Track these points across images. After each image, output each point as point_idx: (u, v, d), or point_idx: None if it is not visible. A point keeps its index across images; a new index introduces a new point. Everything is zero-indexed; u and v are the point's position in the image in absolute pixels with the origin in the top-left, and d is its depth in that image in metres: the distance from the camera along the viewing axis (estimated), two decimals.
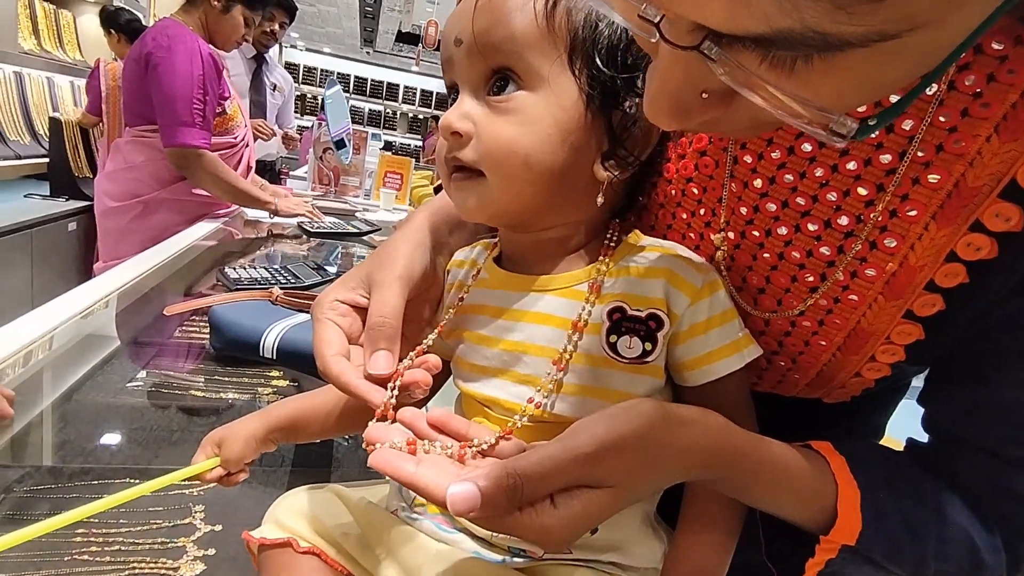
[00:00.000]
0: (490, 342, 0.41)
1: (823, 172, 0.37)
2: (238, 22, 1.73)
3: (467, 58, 0.37)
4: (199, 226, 1.74)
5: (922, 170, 0.34)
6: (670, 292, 0.39)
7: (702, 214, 0.44)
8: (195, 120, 1.60)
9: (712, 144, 0.43)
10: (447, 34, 0.39)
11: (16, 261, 2.29)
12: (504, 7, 0.36)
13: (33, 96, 2.92)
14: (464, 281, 0.44)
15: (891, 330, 0.38)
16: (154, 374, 0.94)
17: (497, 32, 0.36)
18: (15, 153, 2.63)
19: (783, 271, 0.40)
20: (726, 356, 0.39)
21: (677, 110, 0.27)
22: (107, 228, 1.78)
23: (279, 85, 2.90)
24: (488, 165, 0.37)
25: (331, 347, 0.38)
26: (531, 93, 0.37)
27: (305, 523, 0.42)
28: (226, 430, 0.48)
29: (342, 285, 0.42)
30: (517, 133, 0.36)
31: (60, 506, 0.63)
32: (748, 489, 0.37)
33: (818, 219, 0.38)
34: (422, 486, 0.29)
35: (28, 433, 0.78)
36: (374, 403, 0.35)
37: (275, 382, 0.93)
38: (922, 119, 0.34)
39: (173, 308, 1.05)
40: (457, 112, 0.38)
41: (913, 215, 0.35)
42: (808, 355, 0.41)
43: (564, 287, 0.40)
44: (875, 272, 0.37)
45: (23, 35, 2.84)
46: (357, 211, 2.37)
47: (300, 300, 1.06)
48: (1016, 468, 0.37)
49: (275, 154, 3.03)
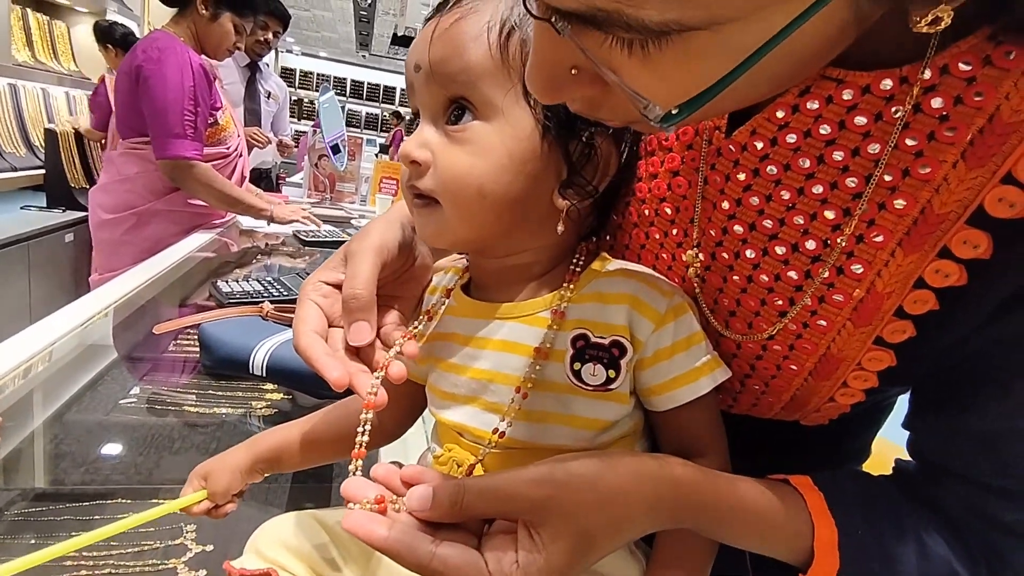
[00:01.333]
0: (459, 370, 0.41)
1: (789, 195, 0.37)
2: (227, 30, 1.73)
3: (425, 86, 0.38)
4: (194, 237, 1.74)
5: (888, 195, 0.34)
6: (633, 318, 0.39)
7: (674, 234, 0.44)
8: (186, 132, 1.60)
9: (684, 164, 0.42)
10: (408, 59, 0.39)
11: (14, 273, 2.30)
12: (459, 37, 0.36)
13: (28, 108, 2.92)
14: (436, 308, 0.44)
15: (861, 356, 0.37)
16: (148, 390, 0.95)
17: (453, 62, 0.36)
18: (11, 165, 2.63)
19: (752, 294, 0.40)
20: (693, 380, 0.39)
21: (550, 83, 0.29)
22: (102, 240, 1.78)
23: (274, 93, 2.90)
24: (444, 195, 0.37)
25: (307, 324, 0.38)
26: (486, 123, 0.37)
27: (284, 551, 0.42)
28: (212, 463, 0.49)
29: (326, 266, 0.42)
30: (471, 163, 0.36)
31: (53, 529, 0.63)
32: (722, 532, 0.37)
33: (785, 242, 0.38)
34: (393, 553, 0.30)
35: (21, 453, 0.78)
36: (330, 377, 0.35)
37: (269, 396, 0.94)
38: (887, 142, 0.33)
39: (163, 327, 1.05)
40: (416, 141, 0.38)
41: (879, 241, 0.34)
42: (780, 379, 0.41)
43: (528, 314, 0.40)
44: (843, 298, 0.36)
45: (17, 46, 2.84)
46: (353, 218, 2.38)
47: (290, 316, 1.06)
48: (999, 497, 0.36)
49: (271, 162, 3.03)
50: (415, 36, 1.10)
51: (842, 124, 0.34)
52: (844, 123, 0.34)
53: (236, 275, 1.50)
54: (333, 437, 0.49)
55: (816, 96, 0.34)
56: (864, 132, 0.33)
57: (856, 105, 0.33)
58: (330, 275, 0.41)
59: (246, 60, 2.67)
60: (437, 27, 0.37)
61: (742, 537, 0.38)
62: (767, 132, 0.37)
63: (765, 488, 0.38)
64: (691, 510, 0.35)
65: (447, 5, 0.38)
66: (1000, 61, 0.30)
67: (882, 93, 0.33)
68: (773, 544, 0.38)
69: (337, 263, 0.42)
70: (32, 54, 2.99)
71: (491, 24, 0.36)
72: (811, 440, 0.44)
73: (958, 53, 0.30)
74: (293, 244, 1.92)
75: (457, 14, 0.37)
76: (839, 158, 0.34)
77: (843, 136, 0.34)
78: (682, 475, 0.35)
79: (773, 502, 0.38)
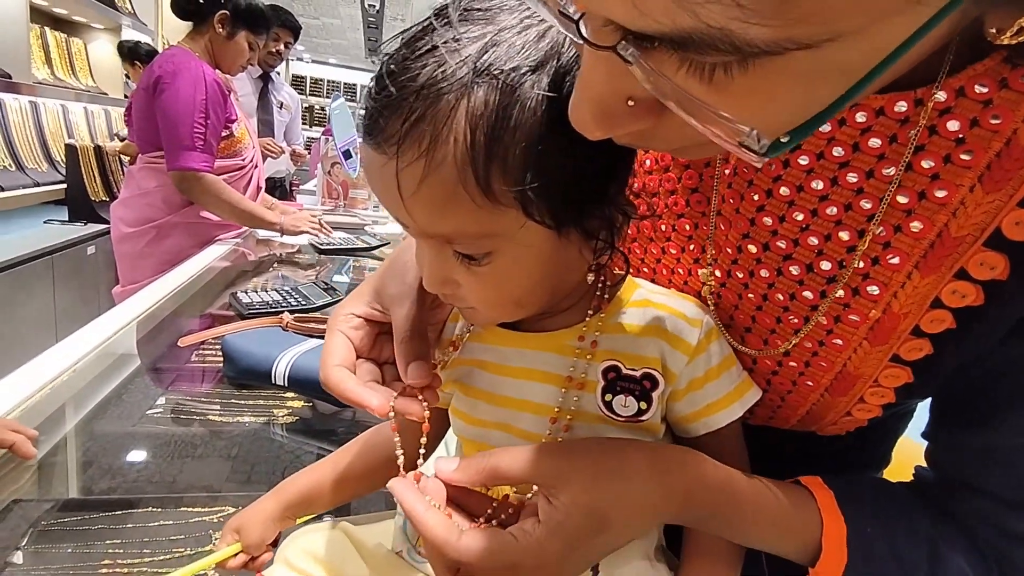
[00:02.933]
0: (486, 397, 0.42)
1: (803, 216, 0.37)
2: (243, 47, 1.77)
3: (420, 236, 0.35)
4: (212, 248, 1.77)
5: (904, 218, 0.33)
6: (666, 351, 0.39)
7: (691, 250, 0.44)
8: (196, 144, 1.64)
9: (703, 182, 0.42)
10: (384, 206, 0.34)
11: (39, 286, 2.35)
12: (434, 203, 0.31)
13: (48, 124, 2.99)
14: (460, 336, 0.44)
15: (878, 373, 0.37)
16: (172, 400, 0.97)
17: (443, 228, 0.33)
18: (33, 181, 2.70)
19: (767, 312, 0.40)
20: (726, 406, 0.40)
21: (601, 117, 0.26)
22: (123, 253, 1.82)
23: (286, 103, 2.94)
24: (481, 308, 0.38)
25: (334, 358, 0.39)
26: (502, 254, 0.34)
27: (315, 564, 0.44)
28: (243, 516, 0.49)
29: (357, 298, 0.43)
30: (502, 289, 0.36)
31: (89, 538, 0.65)
32: (731, 526, 0.38)
33: (800, 263, 0.38)
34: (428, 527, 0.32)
35: (55, 463, 0.81)
36: (371, 406, 0.36)
37: (290, 404, 0.96)
38: (901, 164, 0.33)
39: (188, 339, 1.08)
40: (437, 278, 0.36)
41: (895, 263, 0.34)
42: (796, 395, 0.41)
43: (557, 343, 0.40)
44: (859, 318, 0.36)
45: (36, 64, 2.91)
46: (367, 224, 2.40)
47: (309, 325, 1.08)
48: (1014, 509, 0.36)
49: (284, 171, 3.08)
50: None
51: (856, 146, 0.34)
52: (858, 145, 0.34)
53: (254, 285, 1.53)
54: (362, 471, 0.49)
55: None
56: (878, 154, 0.33)
57: (870, 127, 0.33)
58: (361, 308, 0.42)
59: (258, 71, 2.71)
60: (401, 183, 0.31)
61: (751, 529, 0.38)
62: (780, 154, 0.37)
63: (776, 485, 0.39)
64: (705, 497, 0.36)
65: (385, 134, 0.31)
66: (1017, 84, 0.29)
67: (896, 115, 0.32)
68: (781, 537, 0.39)
69: (370, 296, 0.43)
70: (51, 71, 3.07)
71: (460, 165, 0.30)
72: (829, 449, 0.44)
73: (974, 75, 0.30)
74: (309, 252, 1.95)
75: (417, 168, 0.30)
76: (853, 180, 0.34)
77: (857, 158, 0.34)
78: (698, 464, 0.36)
79: (783, 495, 0.38)
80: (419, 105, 0.30)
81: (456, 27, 0.31)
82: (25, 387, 0.85)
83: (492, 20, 0.31)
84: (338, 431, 0.93)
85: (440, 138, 0.30)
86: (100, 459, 0.82)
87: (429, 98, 0.30)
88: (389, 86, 0.31)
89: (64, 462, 0.82)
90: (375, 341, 0.42)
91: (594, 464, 0.34)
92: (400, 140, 0.30)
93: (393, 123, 0.31)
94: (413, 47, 0.31)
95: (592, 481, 0.34)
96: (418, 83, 0.30)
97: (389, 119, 0.31)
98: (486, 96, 0.30)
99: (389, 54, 0.32)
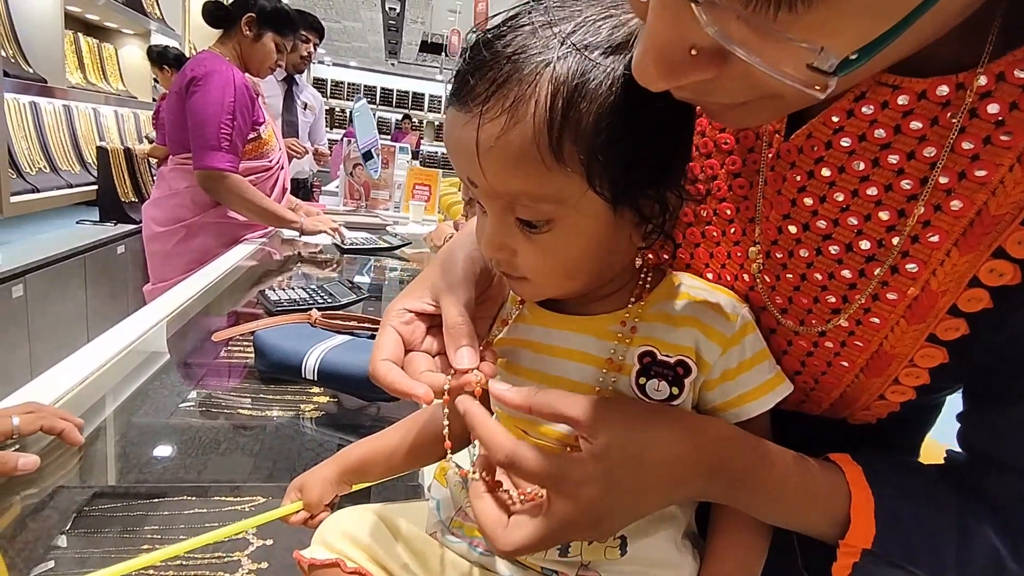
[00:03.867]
0: (528, 375, 0.43)
1: (843, 197, 0.37)
2: (270, 49, 1.81)
3: (486, 197, 0.38)
4: (240, 248, 1.81)
5: (944, 197, 0.34)
6: (701, 341, 0.40)
7: (732, 233, 0.45)
8: (221, 144, 1.68)
9: (746, 167, 0.43)
10: (457, 166, 0.38)
11: (72, 284, 2.43)
12: (508, 158, 0.34)
13: (81, 127, 3.07)
14: (508, 315, 0.46)
15: (914, 353, 0.38)
16: (204, 393, 1.00)
17: (510, 185, 0.35)
18: (67, 182, 2.78)
19: (805, 292, 0.41)
20: (758, 397, 0.41)
21: (666, 67, 0.27)
22: (154, 252, 1.87)
23: (310, 104, 2.99)
24: (534, 278, 0.40)
25: (383, 352, 0.41)
26: (560, 221, 0.37)
27: (352, 545, 0.46)
28: (305, 477, 0.53)
29: (410, 294, 0.45)
30: (555, 257, 0.38)
31: (130, 524, 0.68)
32: (761, 494, 0.39)
33: (839, 242, 0.38)
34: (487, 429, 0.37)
35: (95, 453, 0.84)
36: (416, 394, 0.38)
37: (316, 398, 0.98)
38: (943, 145, 0.34)
39: (221, 334, 1.11)
40: (495, 243, 0.39)
41: (935, 241, 0.35)
42: (831, 376, 0.42)
43: (599, 327, 0.42)
44: (896, 296, 0.37)
45: (70, 69, 3.00)
46: (388, 224, 2.43)
47: (337, 322, 1.11)
48: None
49: (307, 171, 3.13)
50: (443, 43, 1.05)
51: (897, 128, 0.35)
52: (900, 127, 0.35)
53: (281, 283, 1.56)
54: (411, 448, 0.52)
55: (871, 101, 0.35)
56: (920, 136, 0.34)
57: (912, 110, 0.34)
58: (413, 303, 0.44)
59: (283, 74, 2.76)
60: (480, 138, 0.34)
61: (781, 501, 0.39)
62: (822, 136, 0.38)
63: (805, 458, 0.40)
64: (736, 456, 0.37)
65: (473, 93, 0.35)
66: None
67: (938, 99, 0.33)
68: (811, 512, 0.39)
69: (422, 291, 0.45)
70: (84, 76, 3.15)
71: (538, 125, 0.33)
72: (858, 440, 0.45)
73: (1014, 61, 0.31)
74: (332, 252, 1.99)
75: (497, 124, 0.34)
76: (894, 161, 0.35)
77: (898, 140, 0.35)
78: (730, 427, 0.38)
79: (813, 469, 0.39)
80: (508, 67, 0.34)
81: (551, 10, 0.35)
82: (66, 380, 0.89)
83: (580, 9, 0.36)
84: (365, 424, 0.95)
85: (523, 98, 0.33)
86: (136, 449, 0.85)
87: (518, 62, 0.34)
88: (483, 51, 0.35)
89: (103, 451, 0.86)
90: (426, 334, 0.44)
91: (631, 410, 0.38)
92: (486, 98, 0.34)
93: (482, 83, 0.34)
94: (509, 22, 0.36)
95: (629, 422, 0.37)
96: (510, 49, 0.34)
97: (479, 80, 0.34)
98: (569, 66, 0.34)
99: (479, 28, 0.37)
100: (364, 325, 1.13)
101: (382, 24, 5.83)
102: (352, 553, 0.45)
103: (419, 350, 0.43)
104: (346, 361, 0.94)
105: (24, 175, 2.49)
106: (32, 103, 2.65)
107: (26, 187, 2.45)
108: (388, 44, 6.62)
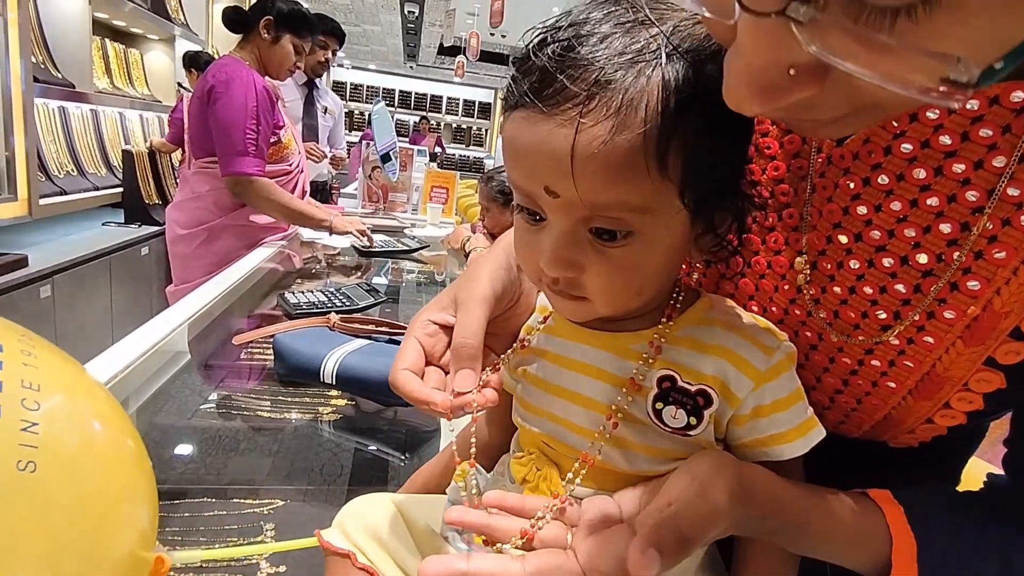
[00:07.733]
0: (543, 385, 0.42)
1: (901, 206, 0.35)
2: (288, 51, 1.83)
3: (563, 210, 0.34)
4: (260, 250, 1.84)
5: (1013, 211, 0.32)
6: (730, 373, 0.38)
7: (773, 242, 0.42)
8: (248, 149, 1.71)
9: (790, 173, 0.41)
10: (532, 174, 0.34)
11: (98, 285, 2.48)
12: (612, 168, 0.31)
13: (107, 131, 3.14)
14: (533, 325, 0.45)
15: (969, 377, 0.36)
16: (224, 396, 1.01)
17: (606, 196, 0.32)
18: (93, 185, 2.84)
19: (853, 306, 0.38)
20: (789, 441, 0.39)
21: (763, 91, 0.24)
22: (176, 253, 1.91)
23: (330, 108, 3.02)
24: (597, 298, 0.37)
25: (404, 362, 0.40)
26: (641, 235, 0.34)
27: (367, 537, 0.44)
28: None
29: (435, 305, 0.44)
30: (629, 273, 0.35)
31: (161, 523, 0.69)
32: (798, 539, 0.37)
33: (894, 255, 0.36)
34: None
35: None
36: (435, 401, 0.38)
37: (334, 402, 0.99)
38: (1012, 155, 0.32)
39: (241, 337, 1.12)
40: (560, 261, 0.35)
41: (1001, 258, 0.33)
42: (876, 397, 0.39)
43: (621, 345, 0.40)
44: (954, 315, 0.35)
45: (97, 74, 3.06)
46: (406, 227, 2.45)
47: (355, 326, 1.11)
48: None
49: (326, 174, 3.16)
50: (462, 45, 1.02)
51: (965, 135, 0.33)
52: (967, 134, 0.33)
53: (301, 286, 1.58)
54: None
55: (936, 106, 0.33)
56: (990, 144, 0.32)
57: (982, 116, 0.32)
58: (437, 315, 0.43)
59: (303, 78, 2.79)
60: (578, 143, 0.31)
61: (818, 544, 0.37)
62: (881, 141, 0.36)
63: (841, 496, 0.38)
64: (772, 507, 0.35)
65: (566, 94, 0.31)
66: None
67: (1012, 105, 0.31)
68: (848, 553, 0.38)
69: (447, 303, 0.44)
70: (110, 81, 3.22)
71: (649, 132, 0.31)
72: (897, 463, 0.43)
73: None
74: (350, 255, 2.00)
75: (602, 129, 0.31)
76: (959, 170, 0.33)
77: (965, 148, 0.33)
78: (762, 474, 0.36)
79: (852, 511, 0.37)
80: (611, 68, 0.31)
81: (644, 8, 0.33)
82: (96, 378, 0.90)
83: (666, 8, 0.33)
84: (382, 428, 0.95)
85: (632, 103, 0.31)
86: (157, 450, 0.86)
87: (623, 65, 0.31)
88: (576, 47, 0.32)
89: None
90: (447, 347, 0.43)
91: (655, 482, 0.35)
92: (586, 101, 0.31)
93: (577, 84, 0.31)
94: (584, 20, 0.33)
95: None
96: (612, 49, 0.31)
97: (574, 80, 0.31)
98: (677, 71, 0.31)
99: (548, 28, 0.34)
100: (381, 329, 1.13)
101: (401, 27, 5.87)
102: (366, 546, 0.44)
103: (439, 361, 0.42)
104: (364, 366, 0.95)
105: (52, 178, 2.55)
106: (60, 107, 2.71)
107: (55, 189, 2.51)
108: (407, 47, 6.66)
